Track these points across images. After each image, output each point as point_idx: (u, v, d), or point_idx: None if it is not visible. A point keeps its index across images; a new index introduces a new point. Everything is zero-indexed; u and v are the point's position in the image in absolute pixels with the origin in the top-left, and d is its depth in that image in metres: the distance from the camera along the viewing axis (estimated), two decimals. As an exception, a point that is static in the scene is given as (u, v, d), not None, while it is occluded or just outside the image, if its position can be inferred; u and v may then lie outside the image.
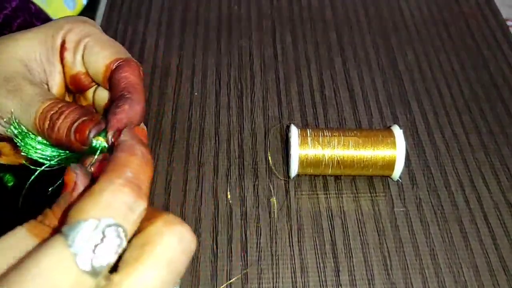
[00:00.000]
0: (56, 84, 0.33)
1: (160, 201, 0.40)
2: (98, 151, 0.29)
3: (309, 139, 0.38)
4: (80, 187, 0.23)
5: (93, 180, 0.25)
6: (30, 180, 0.31)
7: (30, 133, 0.31)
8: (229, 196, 0.40)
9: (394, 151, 0.38)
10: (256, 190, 0.41)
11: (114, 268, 0.19)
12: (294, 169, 0.39)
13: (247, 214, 0.39)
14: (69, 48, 0.32)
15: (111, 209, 0.19)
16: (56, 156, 0.31)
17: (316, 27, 0.56)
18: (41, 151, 0.32)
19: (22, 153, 0.31)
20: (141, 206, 0.20)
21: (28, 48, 0.32)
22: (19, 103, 0.31)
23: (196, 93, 0.48)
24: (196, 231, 0.38)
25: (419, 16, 0.58)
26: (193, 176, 0.41)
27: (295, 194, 0.41)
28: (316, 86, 0.49)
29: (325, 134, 0.39)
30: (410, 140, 0.45)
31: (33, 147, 0.31)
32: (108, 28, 0.55)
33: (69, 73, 0.33)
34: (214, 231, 0.38)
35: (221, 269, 0.36)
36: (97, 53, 0.32)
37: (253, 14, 0.57)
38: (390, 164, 0.39)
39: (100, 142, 0.29)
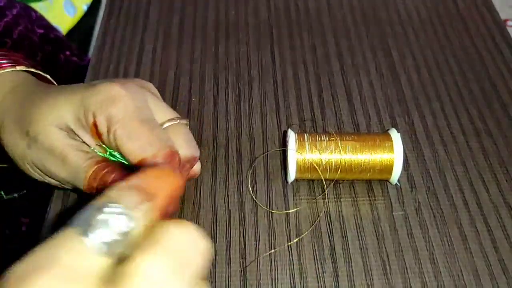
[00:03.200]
0: (96, 148, 0.34)
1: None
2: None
3: (306, 143, 0.38)
4: None
5: None
6: None
7: None
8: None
9: (392, 155, 0.38)
10: (255, 195, 0.41)
11: None
12: (291, 174, 0.39)
13: (245, 220, 0.39)
14: (102, 132, 0.33)
15: (109, 197, 0.19)
16: None
17: (313, 31, 0.56)
18: None
19: None
20: (148, 206, 0.19)
21: (64, 118, 0.34)
22: (67, 172, 0.33)
23: (194, 99, 0.48)
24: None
25: (417, 19, 0.58)
26: (191, 183, 0.41)
27: (293, 198, 0.40)
28: (314, 90, 0.49)
29: (323, 138, 0.39)
30: (408, 143, 0.45)
31: None
32: (106, 35, 0.55)
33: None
34: (212, 237, 0.38)
35: (219, 275, 0.36)
36: (124, 148, 0.32)
37: (250, 19, 0.57)
38: (388, 168, 0.38)
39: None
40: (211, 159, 0.43)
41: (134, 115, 0.32)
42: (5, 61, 0.39)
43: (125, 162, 0.34)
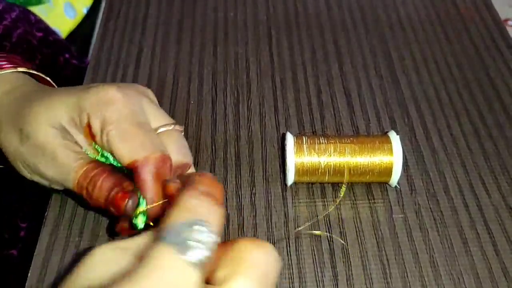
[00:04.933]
0: (88, 150, 0.35)
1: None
2: (142, 225, 0.32)
3: (304, 146, 0.38)
4: None
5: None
6: None
7: None
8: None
9: (391, 157, 0.38)
10: (253, 198, 0.41)
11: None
12: (290, 177, 0.39)
13: (244, 223, 0.39)
14: (96, 133, 0.33)
15: (194, 212, 0.20)
16: None
17: (312, 32, 0.55)
18: None
19: None
20: (219, 210, 0.21)
21: (59, 117, 0.34)
22: (57, 172, 0.33)
23: (192, 102, 0.48)
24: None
25: (416, 19, 0.57)
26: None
27: (292, 202, 0.40)
28: (313, 92, 0.49)
29: (321, 141, 0.38)
30: (408, 144, 0.44)
31: None
32: (105, 37, 0.55)
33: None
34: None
35: (218, 279, 0.36)
36: (116, 150, 0.33)
37: (249, 21, 0.57)
38: (387, 171, 0.38)
39: (141, 219, 0.32)
40: (209, 163, 0.43)
41: (128, 118, 0.33)
42: (4, 62, 0.39)
43: (116, 165, 0.34)
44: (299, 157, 0.38)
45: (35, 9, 0.80)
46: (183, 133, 0.37)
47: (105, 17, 0.58)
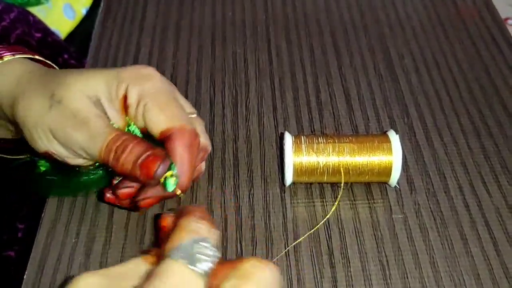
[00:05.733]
0: (116, 124, 0.36)
1: (155, 212, 0.39)
2: (173, 187, 0.33)
3: (303, 146, 0.38)
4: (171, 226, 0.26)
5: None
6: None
7: None
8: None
9: (391, 157, 0.37)
10: (252, 199, 0.40)
11: None
12: (288, 178, 0.38)
13: (242, 224, 0.39)
14: (131, 104, 0.35)
15: (197, 232, 0.23)
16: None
17: (311, 32, 0.55)
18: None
19: None
20: (216, 231, 0.24)
21: (95, 87, 0.35)
22: (86, 135, 0.33)
23: (190, 101, 0.48)
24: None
25: (415, 18, 0.57)
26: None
27: (291, 202, 0.40)
28: (312, 91, 0.49)
29: (320, 141, 0.38)
30: (407, 144, 0.44)
31: None
32: (102, 37, 0.55)
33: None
34: (209, 242, 0.37)
35: (216, 281, 0.36)
36: (153, 117, 0.34)
37: (247, 20, 0.57)
38: (386, 171, 0.38)
39: (173, 180, 0.33)
40: (207, 163, 0.42)
41: (166, 92, 0.35)
42: (12, 52, 0.40)
43: (141, 137, 0.35)
44: (298, 156, 0.38)
45: (34, 10, 0.79)
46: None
47: (102, 17, 0.58)
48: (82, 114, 0.34)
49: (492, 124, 0.45)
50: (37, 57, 0.40)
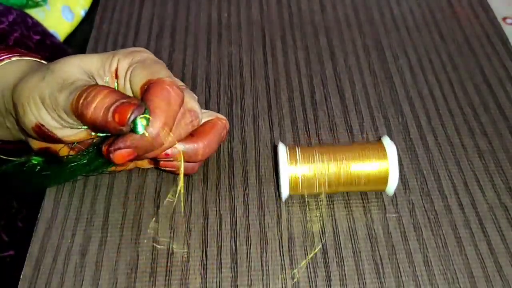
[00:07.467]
0: None
1: (150, 212, 0.39)
2: (143, 129, 0.31)
3: (297, 157, 0.37)
4: None
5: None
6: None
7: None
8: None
9: (387, 166, 0.37)
10: (246, 199, 0.40)
11: None
12: (285, 193, 0.38)
13: (237, 224, 0.39)
14: (120, 74, 0.36)
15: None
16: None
17: (306, 33, 0.55)
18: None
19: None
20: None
21: (90, 64, 0.36)
22: (68, 93, 0.33)
23: (185, 102, 0.48)
24: (185, 242, 0.38)
25: (410, 18, 0.57)
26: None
27: (285, 202, 0.40)
28: (307, 92, 0.49)
29: (316, 158, 0.37)
30: (402, 143, 0.44)
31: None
32: (98, 38, 0.55)
33: None
34: (203, 242, 0.38)
35: (210, 280, 0.36)
36: (136, 76, 0.35)
37: (243, 21, 0.57)
38: (383, 181, 0.37)
39: (141, 122, 0.31)
40: (202, 163, 0.43)
41: (154, 59, 0.36)
42: (9, 55, 0.40)
43: None
44: (293, 168, 0.37)
45: (33, 12, 0.80)
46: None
47: (99, 19, 0.58)
48: (71, 79, 0.34)
49: (487, 124, 0.46)
50: (36, 59, 0.41)
